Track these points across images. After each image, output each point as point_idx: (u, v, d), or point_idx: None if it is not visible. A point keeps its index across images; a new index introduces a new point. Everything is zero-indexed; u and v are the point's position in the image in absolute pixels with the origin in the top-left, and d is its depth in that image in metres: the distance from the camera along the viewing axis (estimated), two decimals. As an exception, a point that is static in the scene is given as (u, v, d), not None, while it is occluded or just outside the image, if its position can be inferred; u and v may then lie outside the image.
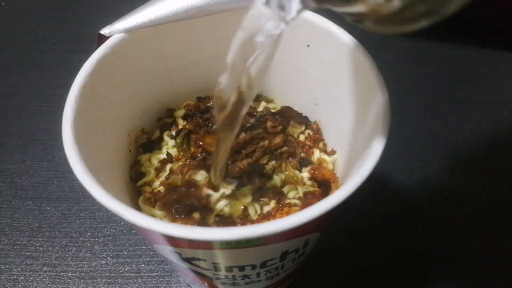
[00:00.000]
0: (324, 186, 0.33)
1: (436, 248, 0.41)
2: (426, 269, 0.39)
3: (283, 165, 0.33)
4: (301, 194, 0.32)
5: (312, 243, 0.28)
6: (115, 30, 0.29)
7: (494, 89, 0.54)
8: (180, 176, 0.32)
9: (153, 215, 0.30)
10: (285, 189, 0.32)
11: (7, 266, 0.39)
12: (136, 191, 0.32)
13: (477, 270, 0.39)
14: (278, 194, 0.31)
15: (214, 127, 0.34)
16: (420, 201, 0.43)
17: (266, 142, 0.33)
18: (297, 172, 0.33)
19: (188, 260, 0.26)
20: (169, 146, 0.34)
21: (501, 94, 0.53)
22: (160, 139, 0.35)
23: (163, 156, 0.34)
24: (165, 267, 0.39)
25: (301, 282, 0.38)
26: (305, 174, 0.33)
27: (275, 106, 0.38)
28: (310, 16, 0.30)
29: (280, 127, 0.34)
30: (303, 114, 0.37)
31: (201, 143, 0.33)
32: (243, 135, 0.33)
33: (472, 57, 0.57)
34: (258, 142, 0.33)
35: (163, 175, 0.32)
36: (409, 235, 0.41)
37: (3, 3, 0.65)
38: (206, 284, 0.31)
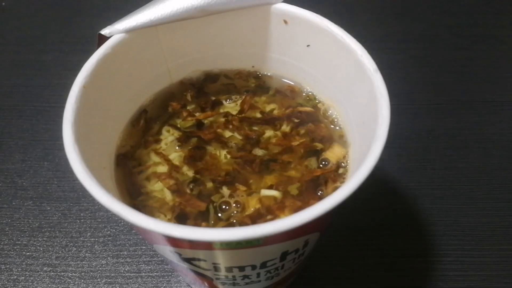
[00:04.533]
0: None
1: (437, 247, 0.41)
2: (428, 268, 0.40)
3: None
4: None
5: (312, 243, 0.28)
6: (116, 31, 0.29)
7: (494, 89, 0.54)
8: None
9: (164, 195, 0.30)
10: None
11: (8, 266, 0.39)
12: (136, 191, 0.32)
13: (480, 269, 0.39)
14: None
15: None
16: (420, 201, 0.44)
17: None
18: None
19: (188, 261, 0.26)
20: (168, 140, 0.34)
21: (500, 94, 0.53)
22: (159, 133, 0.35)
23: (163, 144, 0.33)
24: (165, 267, 0.39)
25: (301, 282, 0.38)
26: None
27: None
28: (310, 16, 0.30)
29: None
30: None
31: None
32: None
33: (472, 57, 0.57)
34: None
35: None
36: (409, 235, 0.41)
37: (3, 3, 0.65)
38: (206, 284, 0.31)
